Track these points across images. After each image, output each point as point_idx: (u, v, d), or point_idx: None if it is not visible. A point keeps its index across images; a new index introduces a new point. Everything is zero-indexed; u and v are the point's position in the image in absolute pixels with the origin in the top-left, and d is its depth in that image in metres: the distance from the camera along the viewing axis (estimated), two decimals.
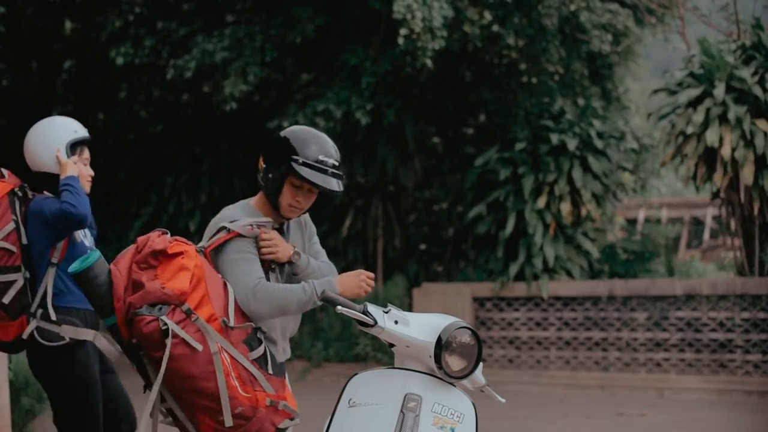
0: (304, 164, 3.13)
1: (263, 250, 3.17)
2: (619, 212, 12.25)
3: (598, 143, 10.03)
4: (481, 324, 9.95)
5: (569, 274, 9.86)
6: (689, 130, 8.63)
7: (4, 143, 15.24)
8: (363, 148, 11.36)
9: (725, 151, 8.39)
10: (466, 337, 2.87)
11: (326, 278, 3.15)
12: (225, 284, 3.11)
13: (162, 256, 3.00)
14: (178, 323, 2.90)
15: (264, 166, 3.23)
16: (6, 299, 3.79)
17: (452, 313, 3.88)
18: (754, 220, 8.74)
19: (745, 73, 8.56)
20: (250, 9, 11.35)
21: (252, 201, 3.34)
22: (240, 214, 3.24)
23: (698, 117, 8.57)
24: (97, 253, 3.03)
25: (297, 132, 3.25)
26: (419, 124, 11.57)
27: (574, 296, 9.51)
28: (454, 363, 2.85)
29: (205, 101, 13.33)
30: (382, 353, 10.26)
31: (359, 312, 2.84)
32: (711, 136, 8.45)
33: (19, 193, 4.05)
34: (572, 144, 9.75)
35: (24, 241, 3.85)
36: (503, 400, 3.15)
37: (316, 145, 3.18)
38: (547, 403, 8.62)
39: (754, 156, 8.41)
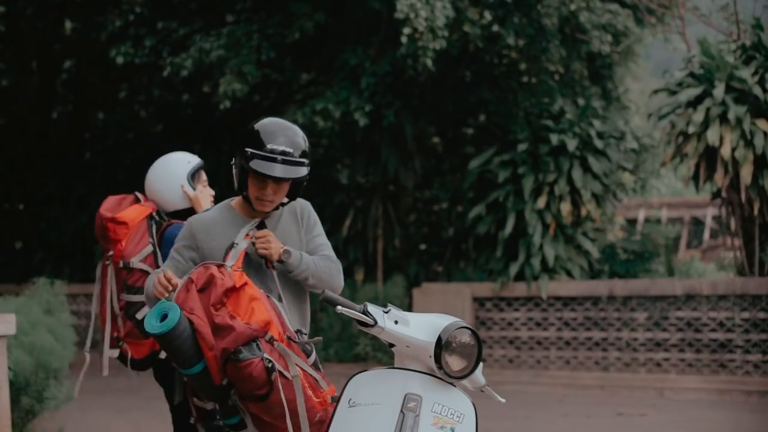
0: (253, 155, 3.14)
1: (257, 247, 3.17)
2: (619, 212, 12.25)
3: (598, 143, 10.03)
4: (481, 324, 9.94)
5: (569, 274, 9.86)
6: (689, 130, 8.62)
7: (4, 143, 15.29)
8: (363, 148, 11.36)
9: (725, 151, 8.39)
10: (466, 337, 2.87)
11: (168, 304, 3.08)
12: (268, 296, 3.12)
13: (231, 291, 2.99)
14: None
15: (232, 164, 3.29)
16: (140, 316, 4.06)
17: (452, 313, 3.88)
18: (754, 220, 8.74)
19: (745, 73, 8.56)
20: (250, 8, 11.35)
21: (233, 201, 3.37)
22: (214, 216, 3.31)
23: (698, 117, 8.57)
24: (177, 309, 2.94)
25: (253, 126, 3.26)
26: (419, 125, 11.56)
27: (574, 296, 9.51)
28: (454, 363, 2.85)
29: (204, 101, 13.34)
30: (382, 353, 10.26)
31: (359, 312, 2.84)
32: (711, 136, 8.45)
33: (156, 218, 4.22)
34: (572, 144, 9.75)
35: (160, 263, 4.02)
36: (503, 400, 3.15)
37: (268, 135, 3.18)
38: (547, 403, 8.62)
39: (753, 156, 8.41)
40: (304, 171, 3.19)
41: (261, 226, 3.27)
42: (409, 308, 10.01)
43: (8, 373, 5.21)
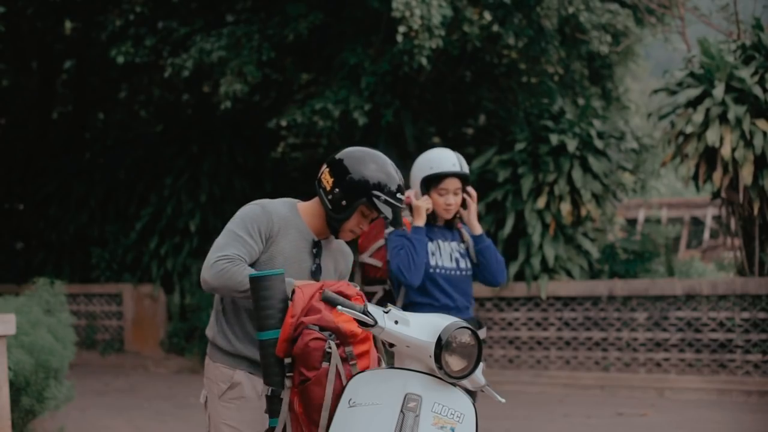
0: (386, 202, 3.19)
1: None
2: (619, 212, 12.25)
3: (598, 143, 10.03)
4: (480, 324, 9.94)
5: (569, 274, 9.86)
6: (689, 130, 8.63)
7: (4, 143, 15.29)
8: (362, 146, 11.34)
9: (725, 151, 8.39)
10: (466, 337, 2.87)
11: (290, 279, 3.10)
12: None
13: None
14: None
15: (337, 190, 3.20)
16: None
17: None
18: (754, 220, 8.74)
19: (745, 73, 8.56)
20: (250, 8, 11.36)
21: (299, 205, 3.35)
22: (288, 214, 3.28)
23: (698, 117, 8.57)
24: (281, 270, 3.04)
25: (378, 162, 3.25)
26: (419, 124, 11.57)
27: (574, 296, 9.51)
28: (454, 363, 2.85)
29: (205, 101, 13.35)
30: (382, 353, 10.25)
31: (359, 312, 2.84)
32: (711, 136, 8.45)
33: None
34: (572, 144, 9.75)
35: (388, 257, 4.20)
36: (503, 400, 3.15)
37: (394, 178, 3.23)
38: (547, 403, 8.63)
39: (753, 156, 8.41)
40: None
41: (317, 245, 3.29)
42: None
43: (8, 373, 5.20)
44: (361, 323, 2.86)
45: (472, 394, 3.70)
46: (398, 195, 3.21)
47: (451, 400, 2.84)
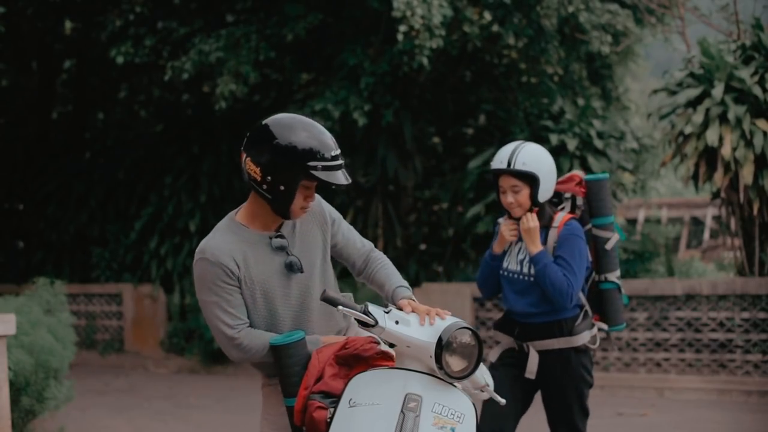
0: (325, 168, 2.89)
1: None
2: (619, 212, 12.24)
3: (598, 143, 10.03)
4: (481, 324, 9.94)
5: None
6: (689, 130, 8.62)
7: (4, 143, 15.29)
8: (362, 147, 11.36)
9: (725, 151, 8.39)
10: (466, 338, 2.86)
11: (315, 336, 3.04)
12: None
13: (363, 363, 2.95)
14: None
15: (269, 178, 2.91)
16: None
17: (452, 313, 3.86)
18: (754, 220, 8.74)
19: (745, 73, 8.56)
20: (249, 8, 11.36)
21: (237, 216, 3.08)
22: (231, 238, 3.02)
23: (698, 117, 8.57)
24: (301, 335, 2.97)
25: (290, 128, 2.91)
26: (419, 124, 11.57)
27: None
28: (455, 363, 2.85)
29: (204, 101, 13.35)
30: None
31: (360, 312, 2.84)
32: (711, 136, 8.45)
33: None
34: (572, 144, 9.75)
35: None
36: (503, 401, 3.14)
37: (319, 140, 2.91)
38: None
39: (753, 156, 8.41)
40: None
41: (278, 238, 3.07)
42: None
43: (8, 373, 5.20)
44: (362, 323, 2.85)
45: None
46: (333, 153, 2.90)
47: (451, 401, 2.84)
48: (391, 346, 2.93)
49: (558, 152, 9.93)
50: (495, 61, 11.47)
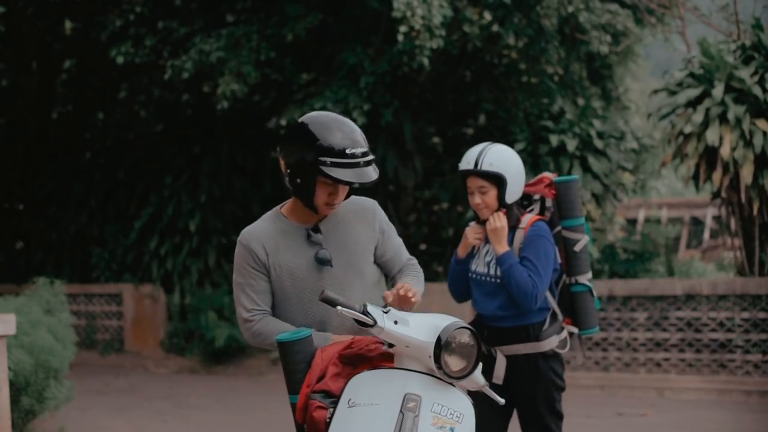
0: (334, 164, 2.92)
1: (409, 308, 3.07)
2: (619, 212, 12.25)
3: (598, 143, 10.03)
4: None
5: None
6: (689, 130, 8.62)
7: (4, 143, 15.29)
8: None
9: (725, 151, 8.39)
10: (465, 338, 2.86)
11: (326, 334, 3.08)
12: None
13: (367, 363, 2.98)
14: None
15: (289, 171, 3.02)
16: None
17: (452, 313, 3.86)
18: (754, 220, 8.74)
19: (745, 73, 8.56)
20: (250, 8, 11.36)
21: (283, 209, 3.19)
22: (269, 226, 3.14)
23: (698, 117, 8.57)
24: (308, 332, 3.00)
25: (314, 124, 2.98)
26: (419, 124, 11.57)
27: None
28: (454, 363, 2.84)
29: (205, 101, 13.35)
30: None
31: (359, 312, 2.84)
32: (711, 136, 8.45)
33: None
34: (572, 144, 9.75)
35: None
36: (502, 401, 3.14)
37: (339, 135, 2.94)
38: None
39: (753, 156, 8.41)
40: (376, 169, 3.02)
41: (315, 229, 3.14)
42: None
43: (8, 373, 5.20)
44: (361, 323, 2.85)
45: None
46: (348, 151, 2.92)
47: (450, 400, 2.84)
48: (390, 345, 2.93)
49: (558, 152, 9.93)
50: (495, 61, 11.47)
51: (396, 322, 2.85)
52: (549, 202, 4.13)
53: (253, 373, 10.97)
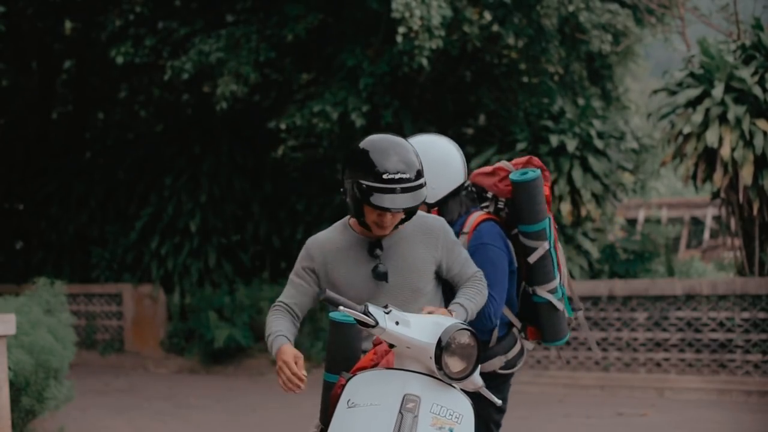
0: (369, 188, 2.99)
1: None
2: (619, 212, 12.25)
3: (598, 143, 10.03)
4: None
5: (569, 274, 9.83)
6: (688, 130, 8.63)
7: (4, 143, 15.29)
8: None
9: (725, 151, 8.39)
10: (465, 339, 2.86)
11: (277, 344, 3.05)
12: None
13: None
14: None
15: (342, 190, 3.16)
16: None
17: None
18: (754, 220, 8.74)
19: (745, 73, 8.56)
20: (250, 8, 11.36)
21: (351, 220, 3.26)
22: (334, 236, 3.25)
23: (698, 117, 8.57)
24: (353, 322, 2.99)
25: (362, 148, 3.08)
26: (419, 124, 11.57)
27: None
28: (454, 364, 2.85)
29: (205, 101, 13.35)
30: None
31: (360, 312, 2.84)
32: (710, 136, 8.45)
33: None
34: (572, 144, 9.75)
35: None
36: (499, 402, 3.14)
37: (380, 161, 3.00)
38: (547, 403, 8.62)
39: (753, 156, 8.41)
40: (424, 194, 3.05)
41: (377, 244, 3.17)
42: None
43: (8, 373, 5.21)
44: (362, 323, 2.86)
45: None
46: (385, 176, 2.97)
47: (449, 401, 2.84)
48: (391, 346, 2.94)
49: (558, 152, 9.93)
50: (495, 61, 11.47)
51: (397, 323, 2.85)
52: (501, 202, 3.53)
53: (253, 373, 10.97)
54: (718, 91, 8.54)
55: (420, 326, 2.87)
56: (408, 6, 9.00)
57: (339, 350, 3.06)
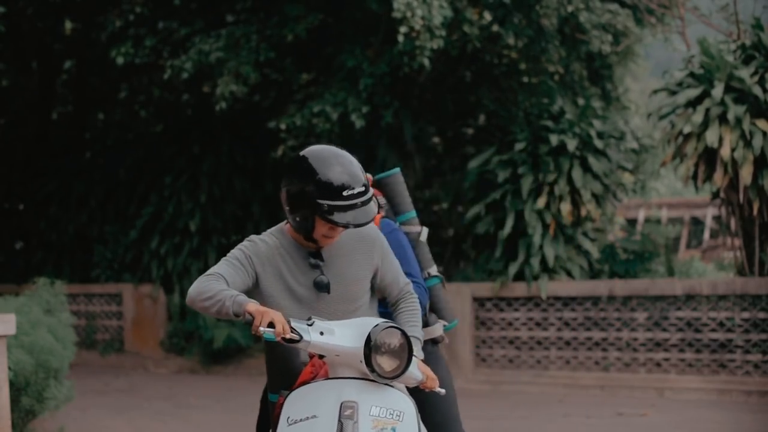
0: (330, 208, 2.93)
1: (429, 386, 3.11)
2: (619, 212, 12.25)
3: (598, 143, 10.02)
4: (481, 324, 9.94)
5: (569, 274, 9.86)
6: (688, 130, 8.63)
7: (4, 143, 15.29)
8: (362, 148, 11.36)
9: (725, 151, 8.39)
10: (393, 337, 2.85)
11: (242, 299, 2.92)
12: None
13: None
14: None
15: (287, 208, 3.04)
16: None
17: (454, 313, 3.86)
18: (754, 220, 8.75)
19: (745, 73, 8.56)
20: (250, 8, 11.36)
21: (287, 227, 3.18)
22: (275, 242, 3.14)
23: (698, 117, 8.57)
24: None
25: (314, 159, 2.98)
26: (419, 124, 11.57)
27: (574, 296, 9.51)
28: (386, 363, 2.84)
29: (204, 101, 13.35)
30: None
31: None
32: (710, 136, 8.45)
33: None
34: (572, 144, 9.75)
35: None
36: (443, 391, 3.14)
37: (336, 177, 2.94)
38: (547, 403, 8.63)
39: (753, 156, 8.41)
40: (374, 204, 3.05)
41: (317, 254, 3.12)
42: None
43: (8, 373, 5.21)
44: (287, 340, 2.83)
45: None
46: (345, 193, 2.93)
47: (388, 401, 2.84)
48: (321, 357, 2.93)
49: (558, 152, 9.93)
50: (495, 61, 11.47)
51: (322, 333, 2.84)
52: (382, 200, 3.93)
53: (253, 373, 10.97)
54: (718, 91, 8.54)
55: (345, 332, 2.86)
56: (409, 6, 9.00)
57: (277, 368, 3.04)
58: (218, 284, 2.96)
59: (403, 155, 11.36)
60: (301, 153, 3.05)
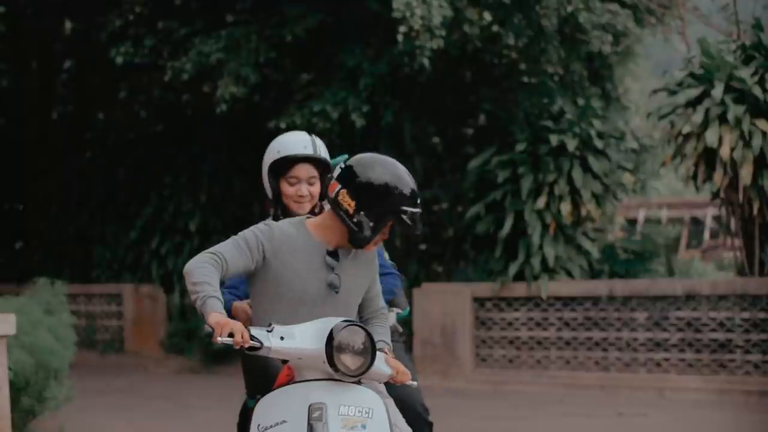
0: (412, 215, 3.07)
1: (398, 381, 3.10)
2: (619, 212, 12.24)
3: (598, 143, 10.02)
4: (481, 324, 9.94)
5: (569, 274, 9.86)
6: (688, 130, 8.63)
7: (4, 143, 15.29)
8: (362, 148, 11.36)
9: (724, 151, 8.39)
10: (355, 335, 2.85)
11: (210, 307, 2.88)
12: None
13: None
14: None
15: (362, 213, 3.03)
16: None
17: (452, 313, 3.87)
18: (754, 220, 8.75)
19: (745, 73, 8.56)
20: (250, 9, 11.36)
21: (308, 222, 3.17)
22: (294, 232, 3.12)
23: (697, 117, 8.57)
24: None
25: (392, 174, 3.07)
26: (419, 124, 11.57)
27: (574, 296, 9.51)
28: (350, 362, 2.83)
29: (205, 102, 13.35)
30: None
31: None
32: (710, 136, 8.45)
33: None
34: (572, 144, 9.75)
35: None
36: (415, 384, 3.14)
37: (410, 187, 3.08)
38: (547, 403, 8.63)
39: (753, 156, 8.41)
40: None
41: (334, 255, 3.12)
42: (409, 308, 9.98)
43: (8, 373, 5.20)
44: (248, 348, 2.83)
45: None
46: (418, 202, 3.11)
47: (356, 399, 2.84)
48: (284, 362, 2.93)
49: (558, 152, 9.93)
50: (495, 62, 11.47)
51: (282, 338, 2.83)
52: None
53: None
54: (718, 91, 8.54)
55: (305, 335, 2.85)
56: (409, 6, 9.00)
57: (253, 374, 3.07)
58: (210, 271, 2.93)
59: (403, 155, 11.35)
60: (366, 158, 3.10)
